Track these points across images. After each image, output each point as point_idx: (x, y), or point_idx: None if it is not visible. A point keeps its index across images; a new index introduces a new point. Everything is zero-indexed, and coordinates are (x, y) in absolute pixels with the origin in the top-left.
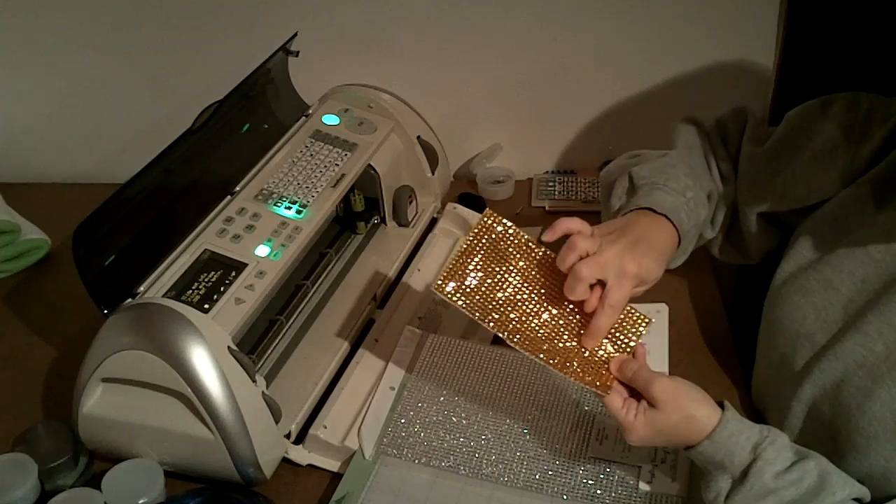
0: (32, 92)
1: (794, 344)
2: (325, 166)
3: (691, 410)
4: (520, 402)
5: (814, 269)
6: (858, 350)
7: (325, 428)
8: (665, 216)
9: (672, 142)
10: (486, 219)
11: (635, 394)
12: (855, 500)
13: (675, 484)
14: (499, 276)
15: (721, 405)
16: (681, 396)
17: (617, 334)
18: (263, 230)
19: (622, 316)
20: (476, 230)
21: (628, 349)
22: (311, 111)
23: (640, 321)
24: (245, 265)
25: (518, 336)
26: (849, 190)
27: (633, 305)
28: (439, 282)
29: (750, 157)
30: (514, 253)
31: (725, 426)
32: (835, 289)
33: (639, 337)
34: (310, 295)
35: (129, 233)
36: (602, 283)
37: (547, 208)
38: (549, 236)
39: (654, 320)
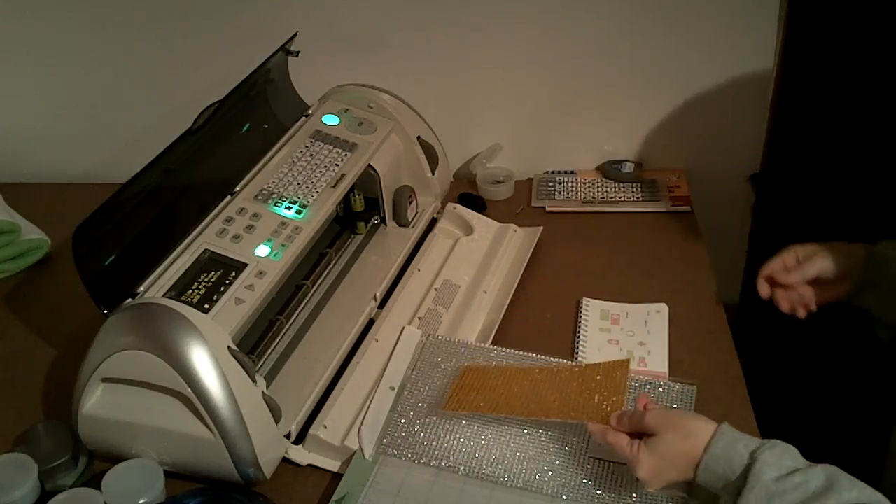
0: (32, 92)
1: None
2: (325, 166)
3: (685, 424)
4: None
5: None
6: None
7: (325, 428)
8: None
9: None
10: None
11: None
12: None
13: None
14: (489, 389)
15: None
16: (672, 416)
17: (604, 391)
18: (263, 230)
19: (600, 376)
20: (461, 375)
21: (618, 397)
22: (311, 111)
23: (617, 367)
24: (245, 265)
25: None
26: None
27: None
28: (445, 407)
29: None
30: (496, 372)
31: (721, 436)
32: None
33: (623, 379)
34: (310, 295)
35: (129, 233)
36: None
37: (547, 208)
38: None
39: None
